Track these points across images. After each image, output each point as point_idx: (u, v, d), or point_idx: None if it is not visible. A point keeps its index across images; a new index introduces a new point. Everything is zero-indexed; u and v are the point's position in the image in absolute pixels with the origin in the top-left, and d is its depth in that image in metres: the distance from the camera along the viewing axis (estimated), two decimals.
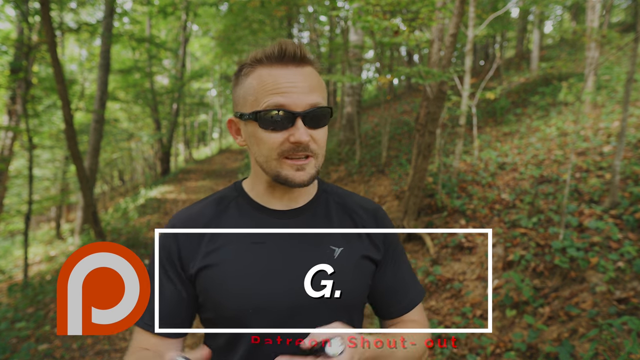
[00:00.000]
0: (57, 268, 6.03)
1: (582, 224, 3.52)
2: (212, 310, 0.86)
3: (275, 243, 0.86)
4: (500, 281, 3.48)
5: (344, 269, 0.87)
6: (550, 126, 6.86)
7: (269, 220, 0.88)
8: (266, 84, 0.80)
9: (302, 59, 0.81)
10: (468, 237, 4.27)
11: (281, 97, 0.78)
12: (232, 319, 0.84)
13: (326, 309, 0.85)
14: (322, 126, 0.83)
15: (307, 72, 0.81)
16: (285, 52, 0.80)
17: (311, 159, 0.82)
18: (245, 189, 0.93)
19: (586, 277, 2.98)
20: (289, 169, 0.81)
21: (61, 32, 8.65)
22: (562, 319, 2.77)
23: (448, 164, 6.41)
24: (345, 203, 0.96)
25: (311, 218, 0.90)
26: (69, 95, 6.50)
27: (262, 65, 0.81)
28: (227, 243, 0.86)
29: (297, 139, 0.78)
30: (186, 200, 10.31)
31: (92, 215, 6.06)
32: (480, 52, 18.50)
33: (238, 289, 0.83)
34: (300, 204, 0.91)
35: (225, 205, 0.91)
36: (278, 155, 0.81)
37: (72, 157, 5.55)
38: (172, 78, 15.87)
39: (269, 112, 0.79)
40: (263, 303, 0.82)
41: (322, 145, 0.84)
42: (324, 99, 0.83)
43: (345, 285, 0.86)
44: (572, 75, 9.29)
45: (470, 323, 3.21)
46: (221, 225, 0.88)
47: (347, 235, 0.91)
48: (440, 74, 4.24)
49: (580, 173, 4.52)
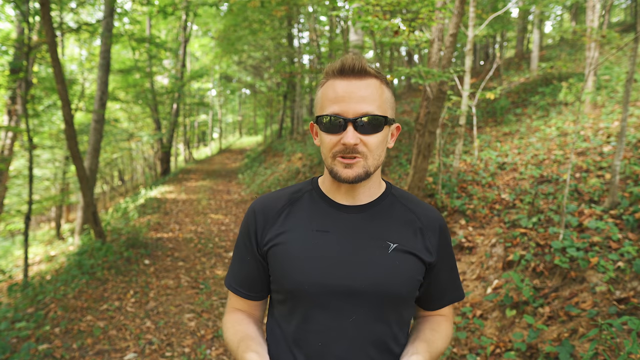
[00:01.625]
0: (57, 268, 6.03)
1: (582, 224, 3.52)
2: (277, 282, 1.00)
3: (336, 233, 0.98)
4: (500, 281, 3.48)
5: (395, 263, 0.97)
6: (550, 126, 6.86)
7: (334, 213, 1.01)
8: (328, 94, 0.94)
9: (361, 71, 0.93)
10: (468, 237, 4.27)
11: (337, 106, 0.92)
12: (290, 294, 0.98)
13: (375, 297, 0.95)
14: (375, 132, 0.93)
15: (366, 84, 0.93)
16: (345, 66, 0.93)
17: (359, 159, 0.93)
18: (318, 183, 1.08)
19: (586, 277, 2.98)
20: (339, 165, 0.94)
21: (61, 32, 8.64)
22: (562, 319, 2.77)
23: (448, 164, 6.41)
24: (410, 207, 1.06)
25: (373, 215, 1.01)
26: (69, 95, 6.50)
27: (330, 77, 0.95)
28: (295, 227, 1.00)
29: (345, 142, 0.91)
30: (186, 200, 10.31)
31: (92, 215, 6.06)
32: (480, 52, 18.50)
33: (298, 268, 0.96)
34: (364, 201, 1.02)
35: (299, 196, 1.06)
36: (333, 155, 0.94)
37: (72, 157, 5.54)
38: (172, 78, 15.86)
39: (326, 117, 0.93)
40: (317, 284, 0.95)
41: (373, 149, 0.94)
42: (379, 109, 0.93)
43: (394, 279, 0.96)
44: (572, 75, 9.29)
45: (470, 323, 3.21)
46: (293, 211, 1.03)
47: (403, 233, 1.01)
48: (440, 74, 4.24)
49: (580, 173, 4.52)
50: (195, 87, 22.72)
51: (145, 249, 6.21)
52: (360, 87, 0.92)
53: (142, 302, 4.45)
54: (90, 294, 4.61)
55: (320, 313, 0.95)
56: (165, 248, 6.40)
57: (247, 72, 22.86)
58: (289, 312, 1.00)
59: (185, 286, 4.91)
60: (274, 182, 10.85)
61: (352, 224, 0.99)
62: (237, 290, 1.08)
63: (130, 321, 3.98)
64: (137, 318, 4.05)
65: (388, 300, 0.96)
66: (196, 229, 7.63)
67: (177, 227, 7.76)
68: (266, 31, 14.10)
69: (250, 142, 26.54)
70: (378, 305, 0.95)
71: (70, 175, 13.07)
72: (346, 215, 1.00)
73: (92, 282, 4.92)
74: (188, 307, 4.31)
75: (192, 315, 4.11)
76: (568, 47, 13.72)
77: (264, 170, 13.28)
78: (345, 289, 0.94)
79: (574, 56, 11.96)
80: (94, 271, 5.22)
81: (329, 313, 0.95)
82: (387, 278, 0.95)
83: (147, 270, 5.42)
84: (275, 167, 13.01)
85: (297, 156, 12.15)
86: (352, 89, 0.91)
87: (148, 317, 4.09)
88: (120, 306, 4.32)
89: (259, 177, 12.67)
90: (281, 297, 1.01)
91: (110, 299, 4.49)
